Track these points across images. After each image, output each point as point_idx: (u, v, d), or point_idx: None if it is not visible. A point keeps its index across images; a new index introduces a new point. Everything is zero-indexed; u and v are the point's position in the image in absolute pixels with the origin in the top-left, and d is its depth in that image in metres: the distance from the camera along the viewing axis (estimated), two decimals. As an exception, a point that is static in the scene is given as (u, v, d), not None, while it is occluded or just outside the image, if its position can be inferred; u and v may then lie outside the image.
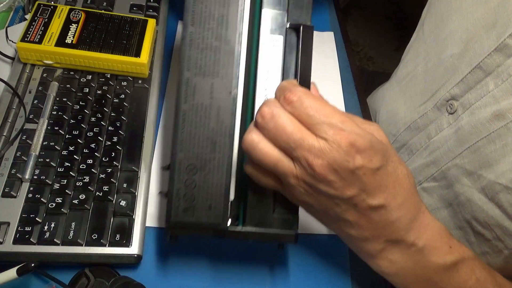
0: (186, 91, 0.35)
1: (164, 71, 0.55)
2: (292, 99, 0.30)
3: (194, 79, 0.35)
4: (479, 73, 0.40)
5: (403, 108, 0.52)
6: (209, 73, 0.35)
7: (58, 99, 0.48)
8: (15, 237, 0.39)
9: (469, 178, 0.40)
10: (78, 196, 0.41)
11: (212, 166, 0.35)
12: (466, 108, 0.41)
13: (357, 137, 0.29)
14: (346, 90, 0.57)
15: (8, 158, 0.43)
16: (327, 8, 0.66)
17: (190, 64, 0.35)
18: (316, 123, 0.30)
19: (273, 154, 0.31)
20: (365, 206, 0.32)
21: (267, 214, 0.35)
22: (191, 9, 0.36)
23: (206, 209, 0.34)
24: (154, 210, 0.44)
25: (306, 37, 0.36)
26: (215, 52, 0.35)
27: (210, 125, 0.35)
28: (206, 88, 0.35)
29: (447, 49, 0.45)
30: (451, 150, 0.42)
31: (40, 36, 0.49)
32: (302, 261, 0.43)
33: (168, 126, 0.50)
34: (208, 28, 0.36)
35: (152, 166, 0.46)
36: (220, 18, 0.36)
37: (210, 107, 0.35)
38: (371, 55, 1.57)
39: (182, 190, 0.34)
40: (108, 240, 0.40)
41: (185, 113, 0.35)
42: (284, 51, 0.37)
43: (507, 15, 0.38)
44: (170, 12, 0.61)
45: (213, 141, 0.35)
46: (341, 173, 0.30)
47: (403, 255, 0.34)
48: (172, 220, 0.34)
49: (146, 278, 0.39)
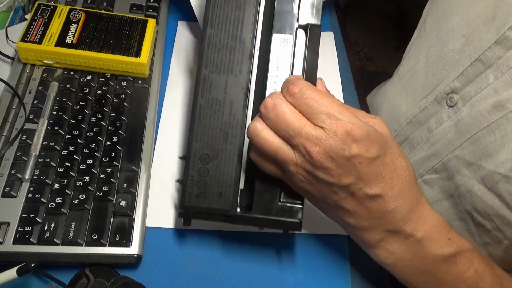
0: (203, 86, 0.38)
1: (164, 71, 0.55)
2: (294, 91, 0.32)
3: (210, 76, 0.38)
4: (479, 66, 0.41)
5: (404, 103, 0.52)
6: (224, 70, 0.39)
7: (58, 99, 0.48)
8: (15, 237, 0.39)
9: (469, 169, 0.41)
10: (78, 196, 0.41)
11: (224, 156, 0.38)
12: (466, 101, 0.42)
13: (354, 127, 0.31)
14: (346, 90, 0.57)
15: (8, 158, 0.43)
16: (327, 8, 0.66)
17: (207, 62, 0.39)
18: (314, 113, 0.32)
19: (274, 142, 0.33)
20: (362, 194, 0.33)
21: (273, 202, 0.37)
22: (210, 12, 0.39)
23: (217, 195, 0.37)
24: (154, 210, 0.44)
25: (313, 35, 0.38)
26: (230, 51, 0.39)
27: (223, 118, 0.38)
28: (221, 84, 0.38)
29: (448, 44, 0.45)
30: (451, 142, 0.43)
31: (40, 36, 0.49)
32: (302, 261, 0.43)
33: (168, 126, 0.50)
34: (225, 30, 0.39)
35: (152, 166, 0.46)
36: (236, 21, 0.39)
37: (224, 101, 0.38)
38: (371, 55, 1.57)
39: (196, 177, 0.38)
40: (108, 240, 0.40)
41: (202, 106, 0.38)
42: (293, 49, 0.39)
43: (506, 8, 0.39)
44: (170, 12, 0.61)
45: (226, 132, 0.38)
46: (337, 161, 0.31)
47: (401, 246, 0.35)
48: (186, 204, 0.37)
49: (146, 278, 0.39)
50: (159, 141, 0.49)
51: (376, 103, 0.60)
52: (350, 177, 0.32)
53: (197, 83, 0.39)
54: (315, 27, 0.39)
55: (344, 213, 0.35)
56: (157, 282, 0.40)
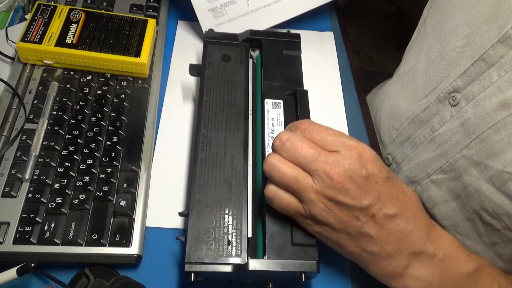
0: (203, 143, 0.41)
1: (164, 71, 0.55)
2: (303, 127, 0.35)
3: (209, 134, 0.42)
4: (482, 65, 0.41)
5: (405, 102, 0.52)
6: (222, 129, 0.42)
7: (58, 99, 0.48)
8: (15, 237, 0.39)
9: (476, 168, 0.41)
10: (78, 196, 0.41)
11: (229, 205, 0.38)
12: (470, 100, 0.42)
13: (365, 149, 0.34)
14: (346, 90, 0.57)
15: (8, 158, 0.43)
16: (327, 8, 0.66)
17: (206, 123, 0.42)
18: (327, 141, 0.34)
19: (293, 171, 0.34)
20: (382, 216, 0.34)
21: (286, 246, 0.37)
22: (205, 84, 0.45)
23: (225, 244, 0.36)
24: (154, 210, 0.44)
25: (302, 98, 0.44)
26: (226, 114, 0.43)
27: (225, 170, 0.40)
28: (220, 140, 0.42)
29: (449, 43, 0.45)
30: (459, 142, 0.43)
31: (40, 36, 0.49)
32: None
33: (168, 126, 0.50)
34: (220, 97, 0.44)
35: (152, 166, 0.46)
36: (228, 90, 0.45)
37: (224, 155, 0.41)
38: (371, 55, 1.57)
39: (201, 228, 0.37)
40: (108, 240, 0.40)
41: (202, 160, 0.40)
42: (284, 110, 0.44)
43: (508, 7, 0.39)
44: (170, 12, 0.61)
45: (229, 183, 0.39)
46: (356, 180, 0.33)
47: (427, 269, 0.35)
48: (192, 256, 0.36)
49: (146, 278, 0.39)
50: (159, 141, 0.49)
51: (376, 103, 0.60)
52: (370, 197, 0.33)
53: (197, 140, 0.41)
54: (303, 91, 0.44)
55: (368, 242, 0.35)
56: (157, 282, 0.40)
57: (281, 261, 0.35)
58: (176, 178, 0.46)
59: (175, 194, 0.45)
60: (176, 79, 0.55)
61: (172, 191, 0.46)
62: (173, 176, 0.47)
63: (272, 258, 0.36)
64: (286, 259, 0.36)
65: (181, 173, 0.47)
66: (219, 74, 0.46)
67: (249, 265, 0.35)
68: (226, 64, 0.47)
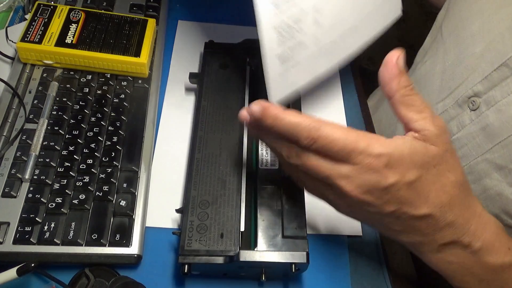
0: (200, 144, 0.43)
1: (164, 71, 0.55)
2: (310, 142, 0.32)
3: (206, 136, 0.44)
4: (505, 71, 0.41)
5: None
6: (219, 131, 0.44)
7: (58, 99, 0.48)
8: (15, 237, 0.39)
9: (499, 172, 0.41)
10: (78, 196, 0.41)
11: (223, 200, 0.40)
12: (491, 105, 0.42)
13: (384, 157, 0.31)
14: (346, 90, 0.57)
15: (8, 158, 0.43)
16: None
17: (202, 126, 0.44)
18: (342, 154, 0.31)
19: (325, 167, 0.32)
20: (409, 217, 0.33)
21: (277, 238, 0.38)
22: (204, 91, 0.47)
23: (218, 237, 0.38)
24: (154, 210, 0.44)
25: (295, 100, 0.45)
26: (223, 117, 0.45)
27: (220, 168, 0.42)
28: (216, 141, 0.43)
29: (467, 49, 0.46)
30: (480, 146, 0.43)
31: (40, 36, 0.49)
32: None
33: (168, 126, 0.50)
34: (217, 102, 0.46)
35: (152, 166, 0.46)
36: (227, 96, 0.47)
37: (220, 155, 0.42)
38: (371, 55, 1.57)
39: (195, 222, 0.38)
40: (108, 240, 0.40)
41: (199, 160, 0.42)
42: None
43: None
44: (170, 12, 0.61)
45: (223, 180, 0.41)
46: (374, 193, 0.31)
47: (458, 257, 0.35)
48: (186, 248, 0.37)
49: (146, 278, 0.39)
50: (159, 141, 0.49)
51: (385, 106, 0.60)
52: (392, 205, 0.32)
53: (193, 141, 0.43)
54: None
55: (395, 233, 0.35)
56: (157, 282, 0.40)
57: (271, 253, 0.36)
58: (176, 178, 0.46)
59: (175, 194, 0.45)
60: (176, 79, 0.54)
61: (172, 191, 0.46)
62: (173, 176, 0.47)
63: (263, 249, 0.37)
64: (276, 251, 0.37)
65: (181, 173, 0.47)
66: (217, 80, 0.48)
67: (240, 256, 0.36)
68: (224, 72, 0.49)
